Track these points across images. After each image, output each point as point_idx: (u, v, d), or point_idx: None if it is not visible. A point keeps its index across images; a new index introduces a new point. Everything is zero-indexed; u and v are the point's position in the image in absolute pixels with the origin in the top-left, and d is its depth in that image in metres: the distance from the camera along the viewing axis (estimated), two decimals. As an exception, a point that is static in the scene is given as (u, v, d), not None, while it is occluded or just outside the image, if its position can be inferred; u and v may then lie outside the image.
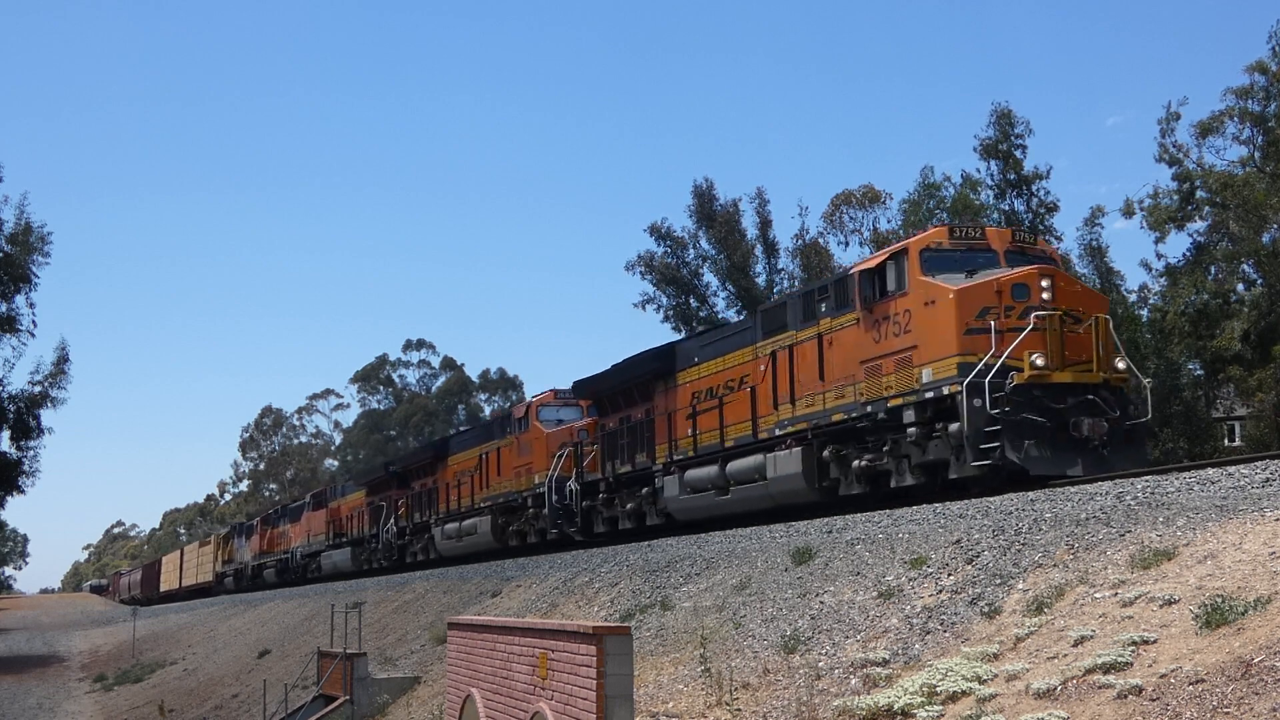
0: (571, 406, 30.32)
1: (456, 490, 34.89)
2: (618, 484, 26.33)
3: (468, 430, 37.07)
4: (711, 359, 23.49)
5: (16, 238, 50.64)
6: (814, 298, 19.93)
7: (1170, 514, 10.73)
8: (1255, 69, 37.25)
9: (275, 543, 58.93)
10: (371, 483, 45.17)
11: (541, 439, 29.59)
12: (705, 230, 54.41)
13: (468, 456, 34.96)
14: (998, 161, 44.92)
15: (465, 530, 33.63)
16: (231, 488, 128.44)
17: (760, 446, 20.99)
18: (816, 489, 19.35)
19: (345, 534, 46.59)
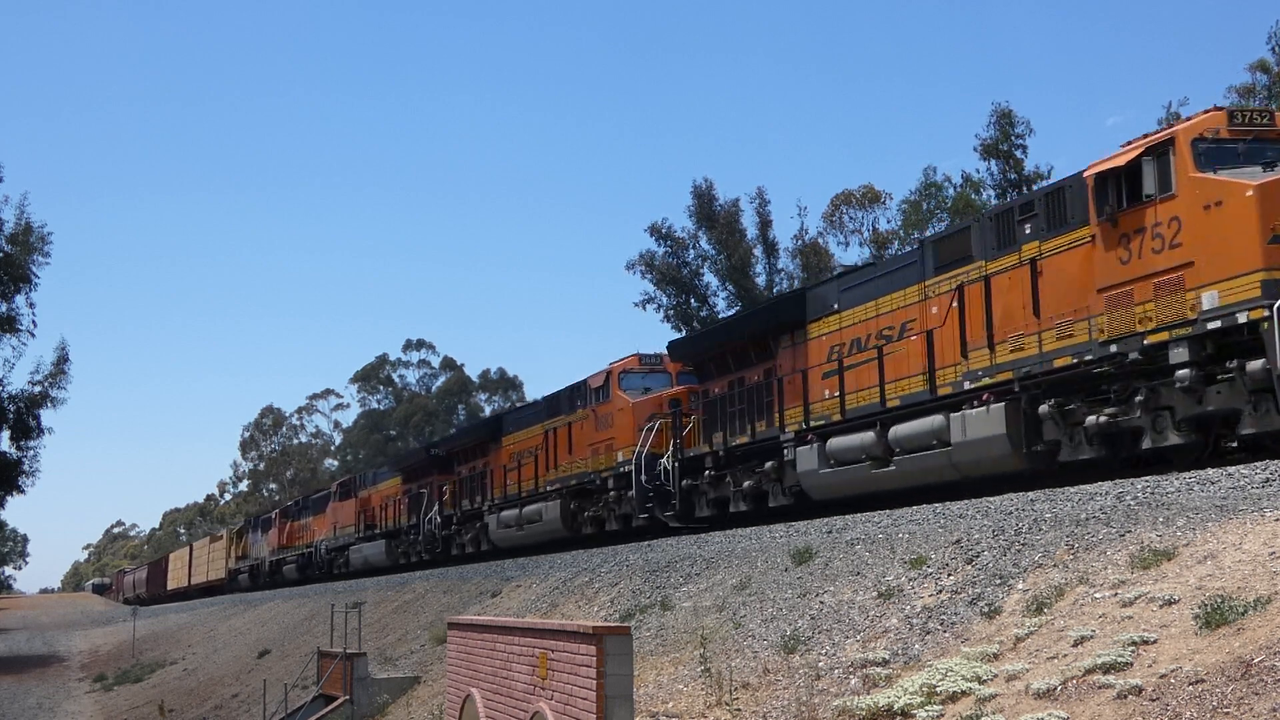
0: (659, 373, 26.75)
1: (516, 473, 31.07)
2: (729, 459, 22.46)
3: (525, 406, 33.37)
4: (858, 304, 19.46)
5: (16, 238, 50.68)
6: (1013, 217, 16.24)
7: (1170, 514, 10.73)
8: (1257, 67, 37.32)
9: (296, 536, 55.46)
10: (409, 468, 41.32)
11: (626, 410, 25.77)
12: (705, 230, 54.46)
13: (528, 435, 31.23)
14: (998, 161, 44.96)
15: (527, 517, 29.78)
16: (231, 488, 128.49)
17: (939, 405, 17.25)
18: (1025, 454, 15.77)
19: (377, 525, 42.69)
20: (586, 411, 27.53)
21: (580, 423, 27.78)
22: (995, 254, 16.55)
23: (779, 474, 20.92)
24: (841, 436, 19.09)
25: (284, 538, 56.81)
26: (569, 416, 28.43)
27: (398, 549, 40.07)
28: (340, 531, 47.33)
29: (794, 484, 20.43)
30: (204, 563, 74.79)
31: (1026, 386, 15.74)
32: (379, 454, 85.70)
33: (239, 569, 65.67)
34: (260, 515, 67.89)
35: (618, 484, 25.69)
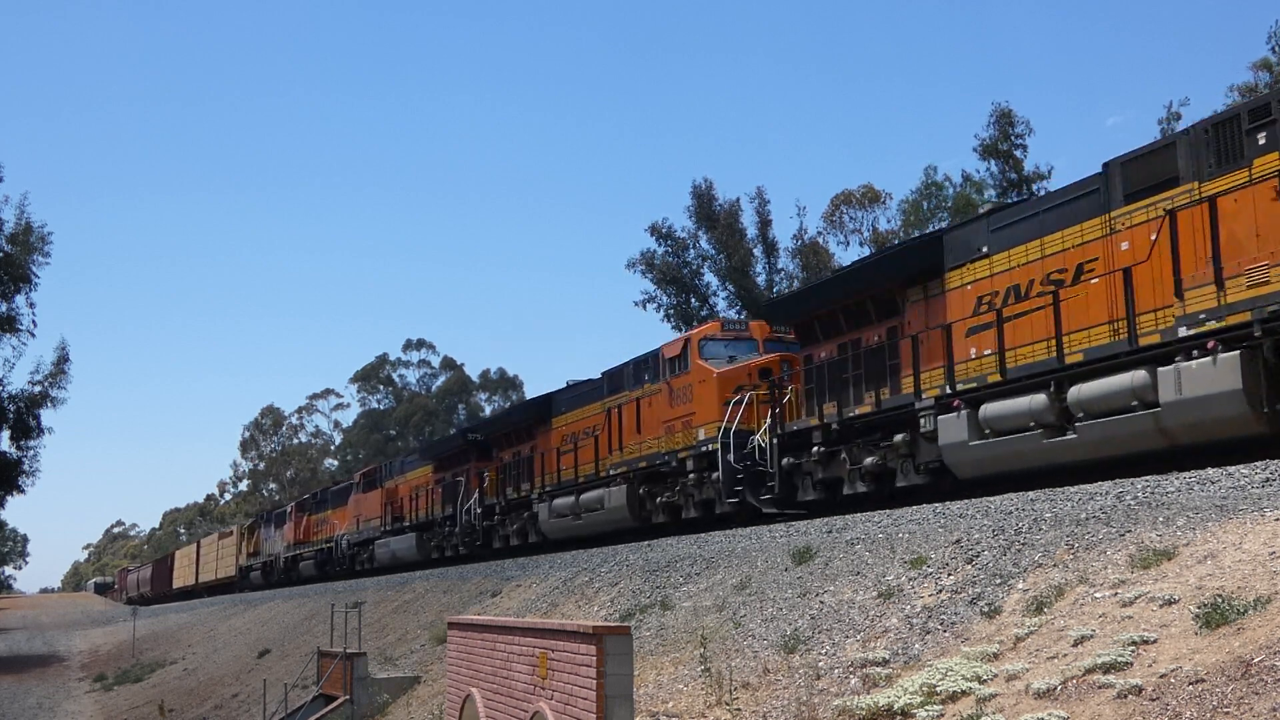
0: (744, 340, 23.92)
1: (571, 455, 28.17)
2: (844, 433, 19.38)
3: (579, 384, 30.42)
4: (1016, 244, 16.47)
5: (16, 238, 50.74)
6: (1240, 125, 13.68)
7: (1170, 514, 10.73)
8: (1260, 66, 37.34)
9: (314, 531, 52.25)
10: (442, 455, 38.31)
11: (710, 381, 22.86)
12: (705, 230, 54.49)
13: (584, 415, 28.43)
14: (998, 161, 44.97)
15: (587, 505, 26.91)
16: (231, 488, 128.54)
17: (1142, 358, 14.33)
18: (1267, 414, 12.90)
19: (406, 517, 39.68)
20: (659, 385, 24.64)
21: (651, 398, 24.90)
22: (1216, 172, 13.87)
23: (911, 448, 17.98)
24: (1001, 401, 16.15)
25: (301, 532, 53.75)
26: (636, 392, 25.59)
27: (430, 542, 37.16)
28: (364, 524, 44.26)
29: (933, 459, 17.40)
30: (213, 560, 72.05)
31: (1271, 330, 13.00)
32: (379, 454, 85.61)
33: (251, 566, 62.93)
34: (274, 509, 64.95)
35: (698, 465, 22.79)
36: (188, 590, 77.38)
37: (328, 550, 48.84)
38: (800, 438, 20.29)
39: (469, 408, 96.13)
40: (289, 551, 54.77)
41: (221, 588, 68.26)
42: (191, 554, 79.51)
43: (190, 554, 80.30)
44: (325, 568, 49.19)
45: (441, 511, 36.10)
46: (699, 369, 23.39)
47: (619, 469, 25.72)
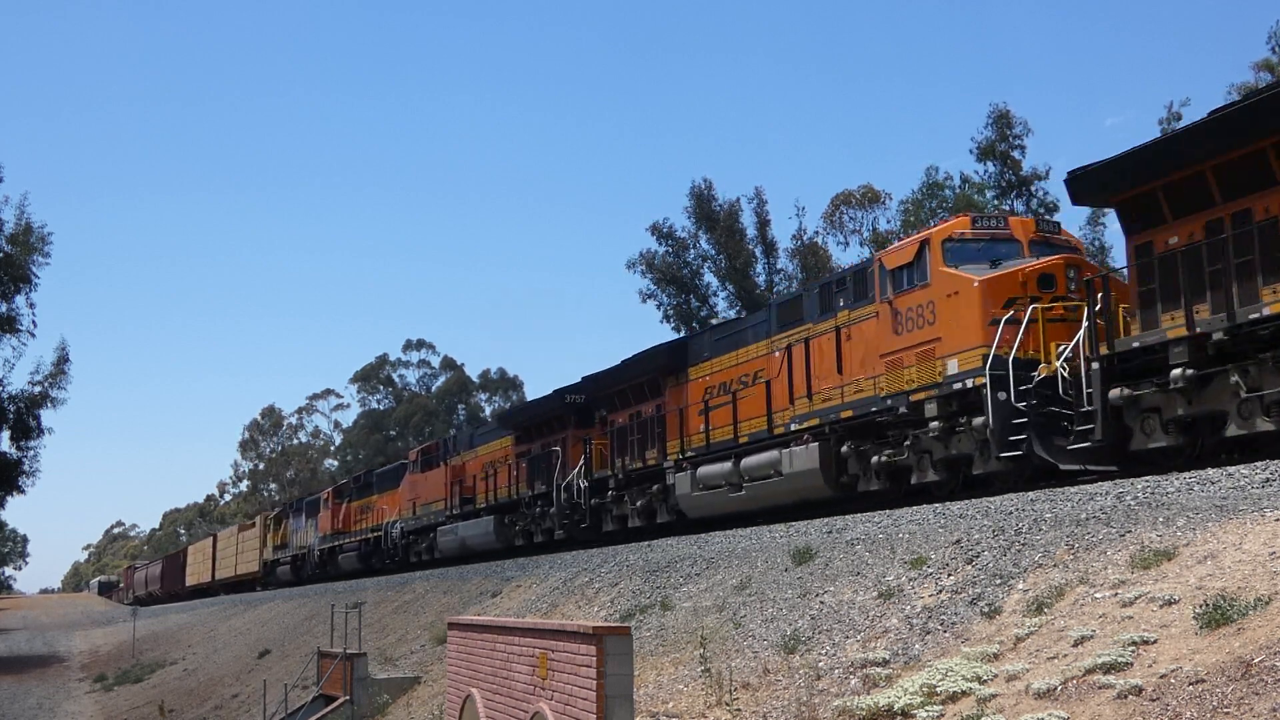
0: (1005, 241, 17.75)
1: (728, 409, 22.17)
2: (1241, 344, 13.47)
3: (730, 322, 25.49)
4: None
5: (16, 238, 50.79)
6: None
7: (1170, 514, 10.73)
8: (1262, 66, 37.32)
9: (356, 519, 46.34)
10: (528, 423, 32.18)
11: (967, 293, 16.81)
12: (705, 231, 54.52)
13: (739, 359, 22.49)
14: (995, 163, 45.00)
15: (753, 472, 21.15)
16: (231, 488, 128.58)
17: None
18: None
19: (479, 498, 34.09)
20: (872, 309, 18.66)
21: (857, 327, 19.04)
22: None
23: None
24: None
25: (339, 521, 47.86)
26: (828, 321, 19.81)
27: (514, 526, 31.52)
28: (423, 509, 38.25)
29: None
30: (232, 554, 66.43)
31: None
32: (379, 454, 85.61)
33: (278, 560, 57.21)
34: (305, 497, 58.69)
35: (944, 410, 17.08)
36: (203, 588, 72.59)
37: (374, 540, 43.14)
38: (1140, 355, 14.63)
39: (469, 408, 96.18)
40: (325, 543, 49.12)
41: (242, 585, 63.50)
42: (207, 549, 74.02)
43: (205, 549, 74.78)
44: (371, 560, 43.58)
45: (528, 489, 30.62)
46: (945, 278, 17.29)
47: (806, 422, 19.94)
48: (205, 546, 75.09)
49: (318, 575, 49.76)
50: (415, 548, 39.00)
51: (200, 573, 73.71)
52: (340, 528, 47.65)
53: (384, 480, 44.38)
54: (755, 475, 21.19)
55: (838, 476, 19.38)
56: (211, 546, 72.34)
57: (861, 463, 18.94)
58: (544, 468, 29.97)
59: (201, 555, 74.86)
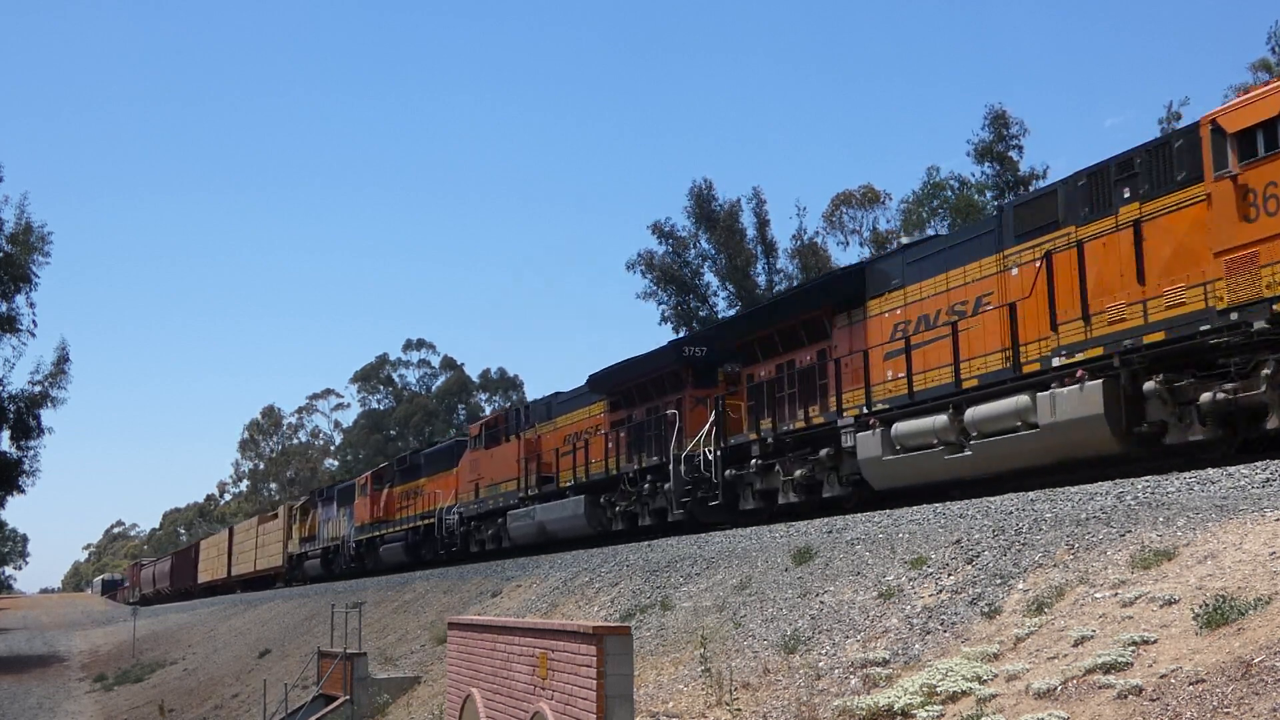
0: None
1: (948, 346, 17.26)
2: None
3: (936, 238, 21.24)
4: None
5: (16, 238, 50.85)
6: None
7: (1170, 514, 10.73)
8: (1260, 66, 37.31)
9: (400, 506, 40.87)
10: (626, 385, 26.70)
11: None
12: (704, 231, 54.54)
13: (952, 282, 17.62)
14: (993, 163, 45.00)
15: (985, 425, 16.37)
16: (232, 488, 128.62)
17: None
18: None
19: (561, 476, 28.86)
20: (1201, 189, 13.70)
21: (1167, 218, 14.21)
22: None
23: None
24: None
25: (380, 508, 42.59)
26: (1111, 217, 14.98)
27: (611, 507, 26.42)
28: (490, 491, 32.97)
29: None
30: (251, 549, 61.11)
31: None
32: (379, 454, 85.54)
33: (306, 553, 52.03)
34: (337, 484, 53.25)
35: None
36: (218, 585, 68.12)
37: (424, 529, 37.63)
38: None
39: (469, 408, 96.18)
40: (363, 533, 43.95)
41: (262, 581, 59.04)
42: (221, 543, 69.35)
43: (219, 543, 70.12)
44: (419, 551, 38.28)
45: (629, 464, 25.63)
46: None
47: (1080, 354, 15.26)
48: (220, 541, 70.61)
49: (354, 569, 44.76)
50: (477, 535, 33.68)
51: (215, 569, 69.38)
52: (381, 516, 42.41)
53: (435, 461, 38.74)
54: (989, 430, 16.43)
55: (1129, 425, 14.61)
56: (227, 541, 67.65)
57: (1175, 405, 14.09)
58: (652, 437, 25.01)
59: (216, 550, 70.36)
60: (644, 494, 25.02)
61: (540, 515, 28.92)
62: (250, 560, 60.66)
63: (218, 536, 73.44)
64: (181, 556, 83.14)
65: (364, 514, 44.17)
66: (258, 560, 59.26)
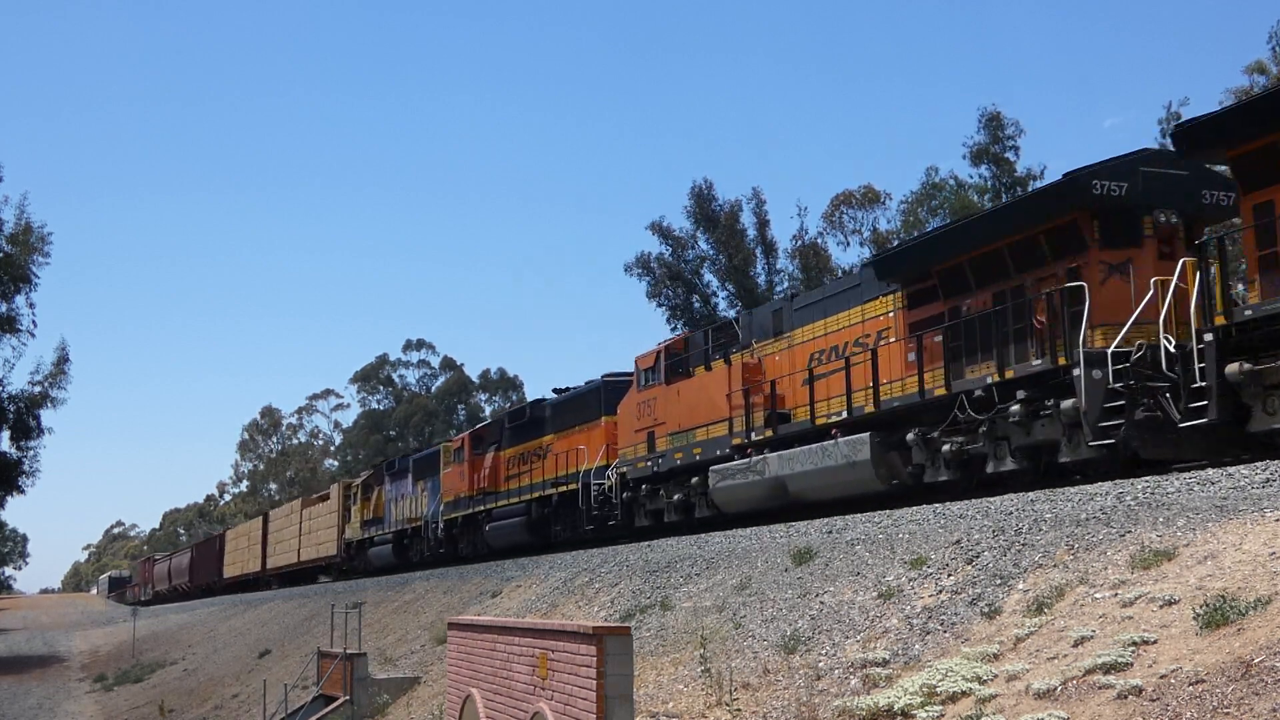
0: None
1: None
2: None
3: None
4: None
5: (16, 238, 50.87)
6: None
7: (1170, 514, 10.73)
8: (1255, 69, 37.30)
9: (514, 472, 32.17)
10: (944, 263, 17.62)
11: None
12: (704, 231, 54.56)
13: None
14: (989, 165, 45.01)
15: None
16: (232, 488, 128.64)
17: None
18: None
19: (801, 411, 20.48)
20: None
21: None
22: None
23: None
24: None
25: (481, 478, 33.80)
26: None
27: (926, 448, 17.57)
28: (672, 441, 24.22)
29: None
30: (292, 536, 52.89)
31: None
32: (379, 454, 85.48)
33: (370, 539, 43.25)
34: (412, 453, 43.64)
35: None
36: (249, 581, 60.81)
37: (557, 498, 28.59)
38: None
39: (469, 408, 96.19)
40: (458, 509, 35.07)
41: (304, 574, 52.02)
42: (254, 532, 60.98)
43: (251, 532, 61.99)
44: (547, 529, 29.25)
45: (957, 380, 17.09)
46: None
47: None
48: (251, 529, 62.70)
49: (443, 555, 35.91)
50: (651, 503, 25.15)
51: (245, 562, 61.89)
52: (486, 486, 33.36)
53: (567, 412, 29.93)
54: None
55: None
56: (261, 529, 59.72)
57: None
58: (1010, 333, 16.41)
59: (247, 541, 62.60)
60: (1011, 423, 15.87)
61: (777, 468, 20.32)
62: (291, 550, 52.71)
63: (248, 525, 66.58)
64: (204, 549, 75.19)
65: (457, 485, 35.03)
66: (302, 549, 51.06)
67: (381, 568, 41.47)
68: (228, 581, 65.83)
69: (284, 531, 55.28)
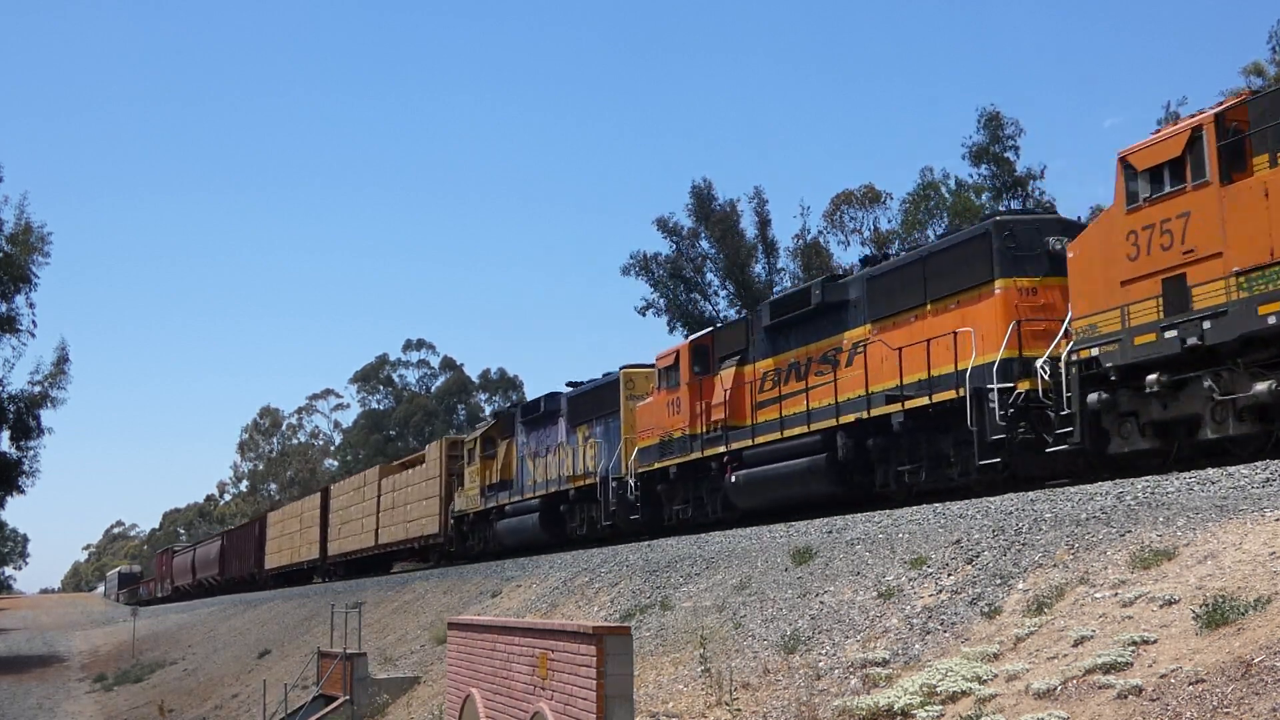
0: None
1: None
2: None
3: None
4: None
5: (16, 238, 50.87)
6: None
7: (1170, 514, 10.73)
8: (1251, 70, 37.27)
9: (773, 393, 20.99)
10: None
11: None
12: (705, 229, 54.58)
13: None
14: (988, 165, 45.01)
15: None
16: (232, 488, 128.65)
17: None
18: None
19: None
20: None
21: None
22: None
23: None
24: None
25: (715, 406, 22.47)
26: None
27: None
28: None
29: None
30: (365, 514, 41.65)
31: None
32: (379, 454, 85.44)
33: (498, 508, 31.60)
34: (567, 391, 29.93)
35: None
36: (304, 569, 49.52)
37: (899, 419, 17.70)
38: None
39: (469, 408, 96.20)
40: (671, 454, 23.67)
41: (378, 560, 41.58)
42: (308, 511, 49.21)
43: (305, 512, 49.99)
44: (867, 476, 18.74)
45: None
46: None
47: None
48: (305, 509, 50.49)
49: (636, 522, 24.76)
50: None
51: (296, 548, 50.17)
52: (723, 420, 22.16)
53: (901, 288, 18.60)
54: None
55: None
56: (319, 508, 47.81)
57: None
58: None
59: (298, 523, 50.67)
60: None
61: None
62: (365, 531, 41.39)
63: (297, 505, 53.51)
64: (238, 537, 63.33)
65: (663, 421, 24.15)
66: (383, 530, 39.83)
67: (520, 545, 30.19)
68: (272, 572, 54.16)
69: (352, 509, 43.71)
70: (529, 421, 31.16)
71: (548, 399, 30.53)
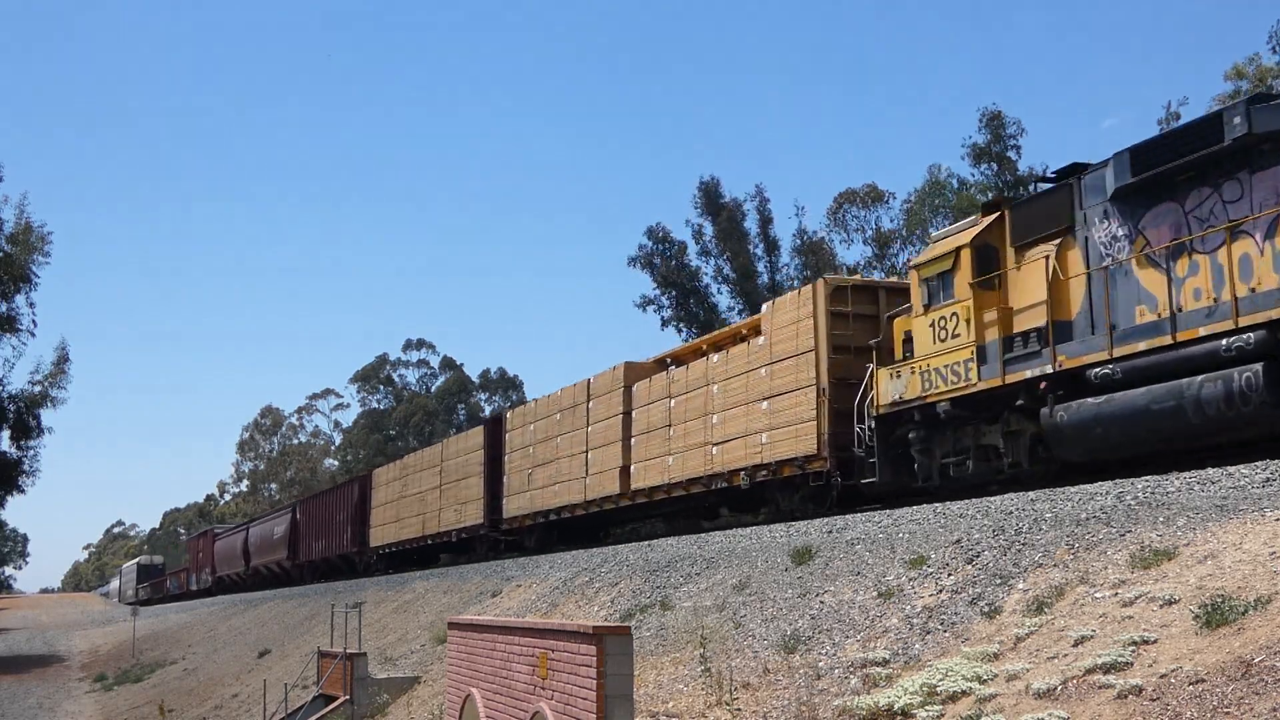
0: None
1: None
2: None
3: None
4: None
5: (16, 238, 50.89)
6: None
7: (1170, 514, 10.73)
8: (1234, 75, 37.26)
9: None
10: None
11: None
12: (712, 225, 54.59)
13: None
14: (989, 165, 45.04)
15: None
16: (231, 487, 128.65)
17: None
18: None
19: None
20: None
21: None
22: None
23: None
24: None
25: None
26: None
27: None
28: None
29: None
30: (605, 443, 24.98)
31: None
32: (379, 454, 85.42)
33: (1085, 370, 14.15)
34: None
35: None
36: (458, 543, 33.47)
37: None
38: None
39: (469, 408, 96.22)
40: None
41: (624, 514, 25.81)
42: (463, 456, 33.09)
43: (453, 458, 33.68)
44: None
45: None
46: None
47: None
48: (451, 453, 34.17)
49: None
50: None
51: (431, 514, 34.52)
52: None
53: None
54: None
55: None
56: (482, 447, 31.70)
57: None
58: None
59: (438, 476, 34.52)
60: None
61: None
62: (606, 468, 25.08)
63: (429, 451, 36.94)
64: (321, 504, 45.72)
65: None
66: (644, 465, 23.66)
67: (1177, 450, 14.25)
68: (388, 551, 37.92)
69: (560, 441, 27.47)
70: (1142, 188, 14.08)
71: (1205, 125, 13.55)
